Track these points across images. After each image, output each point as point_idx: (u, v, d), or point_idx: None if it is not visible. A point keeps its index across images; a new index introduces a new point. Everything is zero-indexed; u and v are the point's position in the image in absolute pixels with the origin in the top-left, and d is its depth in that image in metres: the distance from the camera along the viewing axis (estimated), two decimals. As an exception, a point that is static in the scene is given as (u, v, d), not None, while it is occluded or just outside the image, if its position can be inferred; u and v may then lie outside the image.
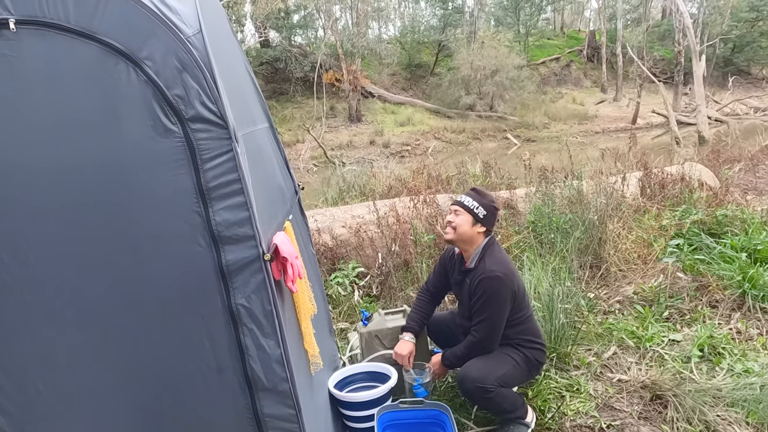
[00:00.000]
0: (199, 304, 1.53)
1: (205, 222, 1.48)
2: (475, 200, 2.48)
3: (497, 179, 6.94)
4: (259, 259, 1.50)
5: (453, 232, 2.49)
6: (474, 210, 2.47)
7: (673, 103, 21.83)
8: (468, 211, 2.47)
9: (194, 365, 1.56)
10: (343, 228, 4.60)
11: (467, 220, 2.47)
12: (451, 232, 2.50)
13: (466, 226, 2.46)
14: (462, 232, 2.47)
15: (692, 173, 5.11)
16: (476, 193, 2.50)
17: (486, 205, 2.47)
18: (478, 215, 2.47)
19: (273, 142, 2.39)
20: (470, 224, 2.47)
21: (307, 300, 2.00)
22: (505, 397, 2.38)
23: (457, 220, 2.47)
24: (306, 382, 1.91)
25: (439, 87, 25.63)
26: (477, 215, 2.47)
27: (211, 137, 1.45)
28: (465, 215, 2.47)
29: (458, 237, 2.49)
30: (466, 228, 2.47)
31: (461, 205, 2.49)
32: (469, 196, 2.49)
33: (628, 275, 3.81)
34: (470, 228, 2.47)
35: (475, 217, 2.47)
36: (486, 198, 2.49)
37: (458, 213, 2.48)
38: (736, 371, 2.75)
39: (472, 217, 2.47)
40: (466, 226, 2.46)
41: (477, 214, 2.47)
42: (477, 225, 2.47)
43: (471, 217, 2.47)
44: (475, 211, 2.47)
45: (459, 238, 2.49)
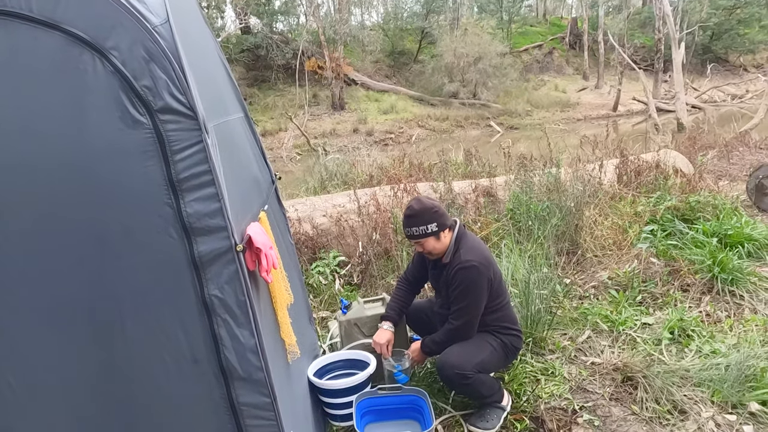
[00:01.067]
0: (173, 296, 1.53)
1: (176, 214, 1.48)
2: (419, 225, 2.45)
3: (479, 167, 6.99)
4: (231, 250, 1.51)
5: (432, 254, 2.54)
6: (426, 232, 2.47)
7: (653, 91, 22.07)
8: (424, 237, 2.47)
9: (169, 356, 1.57)
10: (324, 217, 4.61)
11: (432, 240, 2.48)
12: (430, 255, 2.55)
13: (437, 244, 2.49)
14: (440, 250, 2.51)
15: (667, 160, 5.20)
16: (413, 218, 2.47)
17: (429, 217, 2.45)
18: (433, 231, 2.47)
19: (248, 132, 2.39)
20: (437, 241, 2.49)
21: (284, 290, 2.01)
22: (482, 382, 2.43)
23: (427, 248, 2.50)
24: (283, 371, 1.94)
25: (423, 74, 25.55)
26: (432, 232, 2.47)
27: (181, 128, 1.45)
28: (427, 240, 2.48)
29: (439, 254, 2.53)
30: (438, 246, 2.50)
31: (415, 238, 2.49)
32: (411, 227, 2.47)
33: (603, 261, 3.89)
34: (440, 242, 2.50)
35: (434, 234, 2.48)
36: (423, 215, 2.45)
37: (420, 243, 2.50)
38: (704, 352, 2.85)
39: (431, 237, 2.48)
40: (437, 245, 2.49)
41: (432, 232, 2.47)
42: (441, 234, 2.48)
43: (431, 237, 2.48)
44: (428, 231, 2.47)
45: (440, 254, 2.53)
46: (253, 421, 1.62)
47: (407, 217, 2.51)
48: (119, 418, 1.61)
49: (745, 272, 3.51)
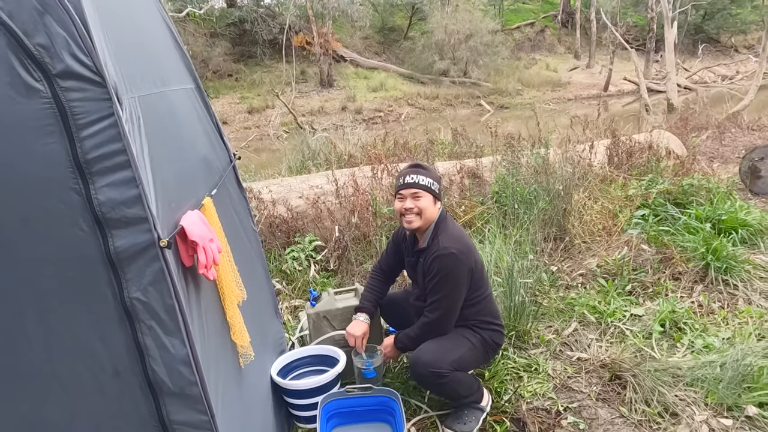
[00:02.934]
0: (87, 299, 1.29)
1: (85, 201, 1.23)
2: (428, 176, 2.26)
3: (466, 147, 6.74)
4: (154, 245, 1.26)
5: (418, 218, 2.25)
6: (431, 187, 2.26)
7: (645, 71, 21.79)
8: (428, 191, 2.25)
9: (85, 368, 1.33)
10: (300, 199, 4.36)
11: (429, 201, 2.25)
12: (416, 219, 2.25)
13: (431, 208, 2.26)
14: (428, 216, 2.26)
15: (660, 141, 4.99)
16: (424, 168, 2.29)
17: (437, 177, 2.29)
18: (436, 192, 2.28)
19: (199, 106, 2.12)
20: (433, 204, 2.27)
21: (233, 286, 1.78)
22: (459, 381, 2.23)
23: (421, 204, 2.24)
24: (232, 379, 1.71)
25: (413, 51, 25.02)
26: (435, 192, 2.27)
27: (87, 98, 1.19)
28: (426, 197, 2.25)
29: (425, 222, 2.27)
30: (431, 210, 2.26)
31: (419, 186, 2.24)
32: (421, 174, 2.25)
33: (592, 247, 3.70)
34: (433, 208, 2.27)
35: (435, 195, 2.27)
36: (433, 171, 2.30)
37: (418, 196, 2.24)
38: (696, 347, 2.67)
39: (432, 196, 2.26)
40: (430, 208, 2.25)
41: (435, 191, 2.27)
42: (437, 202, 2.28)
43: (431, 196, 2.26)
44: (433, 188, 2.27)
45: (425, 223, 2.27)
46: (188, 440, 1.40)
47: (416, 166, 2.30)
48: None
49: (739, 260, 3.33)
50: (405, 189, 2.27)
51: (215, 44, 21.94)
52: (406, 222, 2.27)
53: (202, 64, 21.19)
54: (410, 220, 2.26)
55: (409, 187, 2.25)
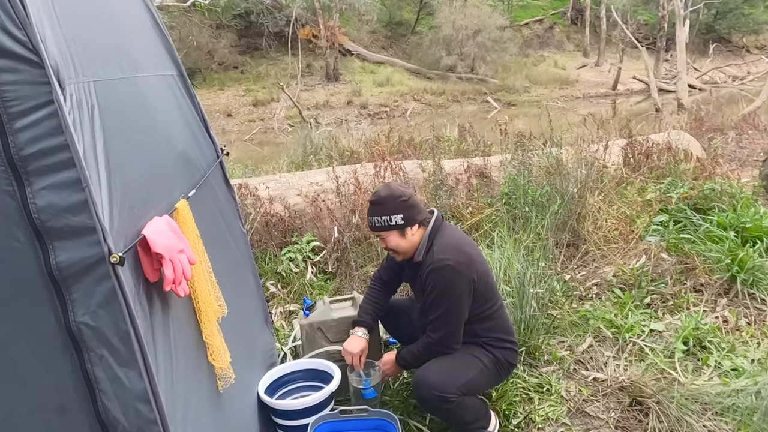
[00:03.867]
0: (27, 321, 1.08)
1: (21, 207, 1.02)
2: (382, 215, 2.05)
3: (473, 145, 6.50)
4: (105, 260, 1.05)
5: (398, 254, 2.13)
6: (390, 223, 2.05)
7: (654, 70, 21.42)
8: (387, 229, 2.06)
9: (26, 402, 1.13)
10: (298, 196, 4.14)
11: (396, 236, 2.07)
12: (396, 255, 2.14)
13: (401, 242, 2.08)
14: (405, 248, 2.10)
15: (679, 142, 4.74)
16: (377, 205, 2.06)
17: (394, 207, 2.03)
18: (398, 224, 2.05)
19: (181, 95, 1.90)
20: (401, 237, 2.07)
21: (211, 301, 1.56)
22: (466, 407, 2.02)
23: (390, 244, 2.09)
24: (206, 406, 1.50)
25: (420, 46, 24.72)
26: (397, 225, 2.05)
27: (21, 80, 0.98)
28: (389, 234, 2.07)
29: (406, 254, 2.13)
30: (402, 244, 2.09)
31: (376, 230, 2.10)
32: (374, 215, 2.07)
33: (608, 255, 3.46)
34: (405, 239, 2.08)
35: (398, 228, 2.06)
36: (389, 203, 2.04)
37: (382, 237, 2.10)
38: (724, 369, 2.45)
39: (395, 232, 2.06)
40: (401, 242, 2.08)
41: (396, 225, 2.05)
42: (407, 230, 2.06)
43: (395, 231, 2.06)
44: (392, 224, 2.05)
45: (407, 253, 2.12)
46: (149, 488, 1.19)
47: (371, 204, 2.10)
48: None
49: (767, 272, 3.10)
50: (372, 232, 2.17)
51: (221, 36, 21.73)
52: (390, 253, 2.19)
53: (208, 55, 20.99)
54: (395, 256, 2.17)
55: (372, 230, 2.15)
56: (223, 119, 18.66)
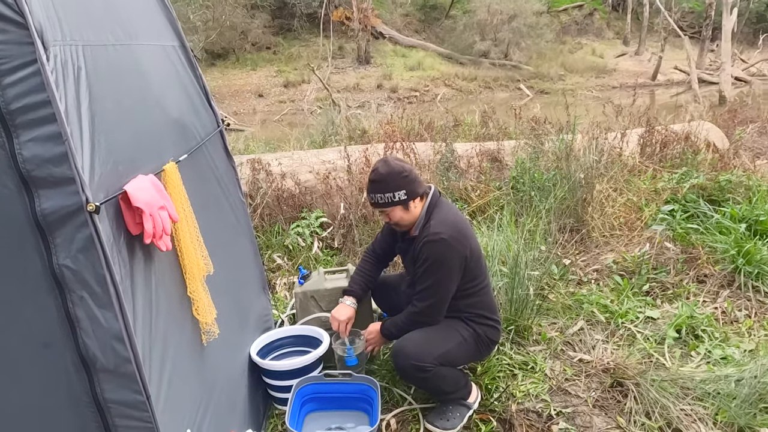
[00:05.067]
0: (15, 263, 1.20)
1: (9, 157, 1.12)
2: (384, 192, 2.09)
3: (494, 130, 6.46)
4: (83, 209, 1.15)
5: (399, 226, 2.19)
6: (393, 200, 2.09)
7: (698, 60, 20.61)
8: (391, 205, 2.11)
9: (15, 337, 1.25)
10: (310, 173, 4.24)
11: (399, 210, 2.12)
12: (399, 227, 2.20)
13: (405, 215, 2.13)
14: (408, 221, 2.15)
15: (699, 132, 4.62)
16: (378, 183, 2.09)
17: (396, 183, 2.07)
18: (401, 200, 2.09)
19: (182, 66, 2.00)
20: (404, 211, 2.12)
21: (197, 258, 1.67)
22: (443, 377, 2.08)
23: (393, 218, 2.14)
24: (188, 357, 1.61)
25: (454, 31, 24.38)
26: (400, 200, 2.09)
27: (9, 41, 1.07)
28: (392, 210, 2.12)
29: (408, 225, 2.17)
30: (406, 217, 2.14)
31: (379, 206, 2.14)
32: (376, 193, 2.11)
33: (610, 242, 3.45)
34: (408, 213, 2.13)
35: (401, 203, 2.10)
36: (390, 180, 2.08)
37: (385, 212, 2.14)
38: (713, 358, 2.44)
39: (398, 207, 2.11)
40: (405, 215, 2.13)
41: (399, 200, 2.09)
42: (410, 204, 2.12)
43: (398, 207, 2.11)
44: (395, 199, 2.09)
45: (409, 225, 2.17)
46: (124, 420, 1.31)
47: (371, 182, 2.13)
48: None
49: (773, 266, 3.04)
50: (374, 209, 2.23)
51: (255, 16, 21.89)
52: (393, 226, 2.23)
53: (241, 35, 21.22)
54: (397, 228, 2.22)
55: (374, 207, 2.20)
56: (254, 99, 18.91)
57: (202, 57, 18.42)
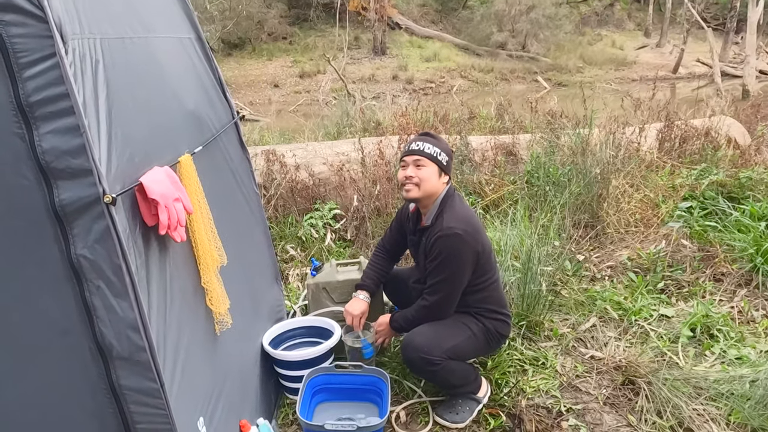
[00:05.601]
0: (35, 252, 1.23)
1: (29, 148, 1.15)
2: (435, 146, 2.09)
3: (510, 123, 6.40)
4: (100, 200, 1.17)
5: (417, 189, 2.09)
6: (438, 157, 2.09)
7: (721, 53, 20.16)
8: (432, 161, 2.08)
9: (34, 324, 1.28)
10: (323, 165, 4.25)
11: (433, 171, 2.08)
12: (415, 189, 2.09)
13: (433, 180, 2.08)
14: (428, 188, 2.09)
15: (720, 127, 4.53)
16: (432, 137, 2.12)
17: (446, 149, 2.11)
18: (442, 163, 2.10)
19: (198, 58, 2.01)
20: (437, 176, 2.09)
21: (211, 249, 1.69)
22: (452, 371, 2.09)
23: (422, 174, 2.07)
24: (200, 346, 1.64)
25: (471, 21, 24.12)
26: (441, 163, 2.10)
27: (29, 34, 1.09)
28: (430, 166, 2.08)
29: (424, 194, 2.10)
30: (434, 182, 2.09)
31: (423, 154, 2.07)
32: (427, 142, 2.09)
33: (626, 239, 3.41)
34: (437, 181, 2.10)
35: (440, 166, 2.10)
36: (443, 142, 2.12)
37: (420, 164, 2.08)
38: (728, 358, 2.41)
39: (437, 167, 2.09)
40: (433, 180, 2.08)
41: (441, 162, 2.10)
42: (442, 175, 2.11)
43: (436, 167, 2.09)
44: (439, 158, 2.09)
45: (425, 195, 2.11)
46: (139, 407, 1.34)
47: (425, 134, 2.15)
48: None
49: (793, 265, 2.98)
50: (408, 156, 2.12)
51: (271, 6, 21.89)
52: (405, 191, 2.12)
53: (258, 25, 21.24)
54: (408, 189, 2.10)
55: (413, 153, 2.10)
56: (269, 90, 18.95)
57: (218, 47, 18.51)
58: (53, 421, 1.37)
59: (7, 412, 1.35)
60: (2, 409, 1.34)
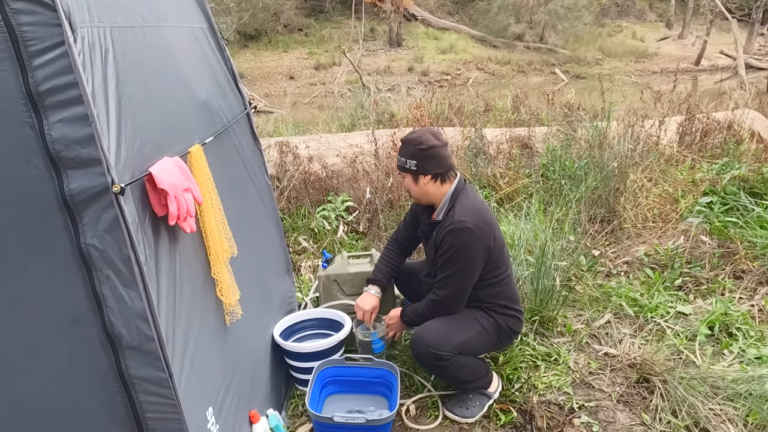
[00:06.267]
0: (45, 241, 1.23)
1: (39, 137, 1.15)
2: (401, 156, 2.11)
3: (527, 116, 6.32)
4: (109, 190, 1.17)
5: (414, 198, 2.22)
6: (405, 166, 2.10)
7: (746, 45, 19.66)
8: (402, 171, 2.13)
9: (45, 313, 1.29)
10: (337, 157, 4.24)
11: (409, 179, 2.13)
12: (414, 199, 2.23)
13: (412, 186, 2.13)
14: (414, 194, 2.17)
15: (743, 121, 4.41)
16: (402, 144, 2.12)
17: (411, 153, 2.06)
18: (411, 169, 2.09)
19: (210, 48, 2.00)
20: (413, 182, 2.11)
21: (221, 240, 1.68)
22: (462, 366, 2.07)
23: (405, 183, 2.17)
24: (210, 336, 1.64)
25: (488, 13, 23.83)
26: (410, 169, 2.09)
27: (38, 22, 1.09)
28: (406, 176, 2.14)
29: (417, 198, 2.19)
30: (413, 188, 2.13)
31: (398, 168, 2.17)
32: (400, 154, 2.13)
33: (643, 234, 3.35)
34: (417, 186, 2.11)
35: (410, 172, 2.09)
36: (409, 146, 2.08)
37: (402, 175, 2.18)
38: (747, 357, 2.35)
39: (409, 175, 2.11)
40: (412, 186, 2.14)
41: (410, 168, 2.09)
42: (420, 178, 2.09)
43: (409, 174, 2.11)
44: (407, 167, 2.09)
45: (418, 198, 2.19)
46: (148, 397, 1.35)
47: (402, 140, 2.17)
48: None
49: (817, 263, 2.90)
50: None
51: (276, -4, 21.84)
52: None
53: (274, 17, 21.25)
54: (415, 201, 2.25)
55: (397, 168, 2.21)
56: (285, 81, 18.97)
57: (234, 39, 18.55)
58: (65, 409, 1.38)
59: (19, 400, 1.36)
60: (15, 396, 1.35)
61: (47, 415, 1.39)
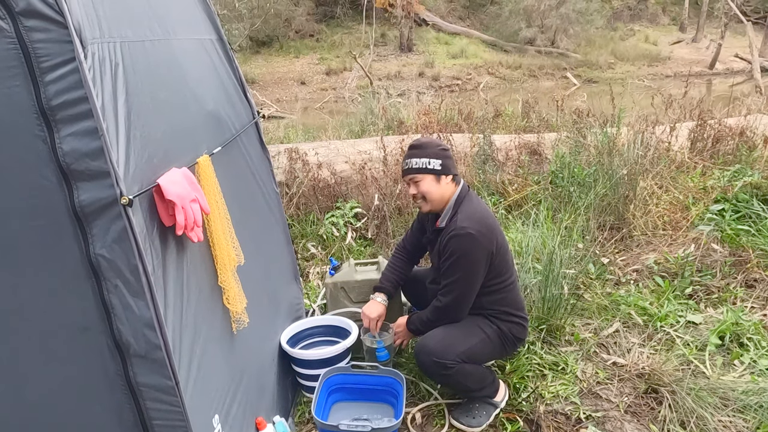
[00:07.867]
0: (56, 251, 1.26)
1: (50, 150, 1.18)
2: (421, 157, 2.09)
3: (537, 121, 6.30)
4: (117, 201, 1.20)
5: (426, 202, 2.13)
6: (428, 167, 2.08)
7: (761, 48, 19.43)
8: (424, 172, 2.09)
9: (56, 320, 1.32)
10: (345, 164, 4.26)
11: (431, 181, 2.10)
12: (424, 204, 2.14)
13: (434, 188, 2.10)
14: (435, 197, 2.11)
15: (757, 127, 4.36)
16: (417, 149, 2.11)
17: (434, 153, 2.08)
18: (435, 169, 2.08)
19: (219, 59, 2.03)
20: (435, 183, 2.10)
21: (228, 249, 1.71)
22: (468, 374, 2.07)
23: (422, 188, 2.11)
24: (217, 344, 1.66)
25: (499, 17, 23.82)
26: (434, 170, 2.08)
27: (50, 39, 1.12)
28: (425, 178, 2.10)
29: (434, 204, 2.13)
30: (434, 191, 2.10)
31: (412, 171, 2.11)
32: (413, 157, 2.10)
33: (653, 242, 3.32)
34: (438, 187, 2.10)
35: (434, 173, 2.09)
36: (429, 147, 2.10)
37: (416, 181, 2.11)
38: (758, 368, 2.32)
39: (432, 176, 2.09)
40: (434, 188, 2.10)
41: (433, 169, 2.08)
42: (442, 178, 2.10)
43: (431, 175, 2.09)
44: (429, 167, 2.08)
45: (436, 204, 2.14)
46: (155, 404, 1.37)
47: (410, 148, 2.15)
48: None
49: (832, 273, 2.86)
50: (404, 177, 2.18)
51: (299, 4, 22.06)
52: (418, 207, 2.19)
53: (285, 23, 21.43)
54: (420, 205, 2.18)
55: (405, 174, 2.16)
56: (296, 87, 19.09)
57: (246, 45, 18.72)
58: (74, 415, 1.41)
59: (29, 406, 1.39)
60: (25, 402, 1.38)
61: (57, 421, 1.41)
